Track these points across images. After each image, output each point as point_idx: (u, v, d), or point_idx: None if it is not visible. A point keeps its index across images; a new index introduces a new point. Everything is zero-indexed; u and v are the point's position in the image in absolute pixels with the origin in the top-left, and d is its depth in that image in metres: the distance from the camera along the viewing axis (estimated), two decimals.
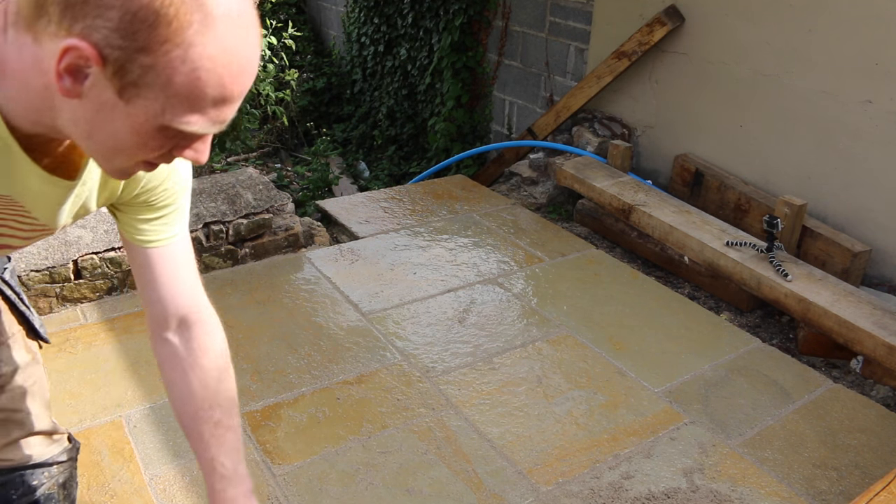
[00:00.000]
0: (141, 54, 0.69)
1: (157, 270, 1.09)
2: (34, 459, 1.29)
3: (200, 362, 1.13)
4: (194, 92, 0.72)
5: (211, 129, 0.77)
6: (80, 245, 2.69)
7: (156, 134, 0.76)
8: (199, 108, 0.74)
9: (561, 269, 3.15)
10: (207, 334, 1.15)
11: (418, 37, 5.60)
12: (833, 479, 2.06)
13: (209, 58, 0.71)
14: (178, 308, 1.12)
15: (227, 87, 0.74)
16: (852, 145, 2.91)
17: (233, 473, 1.13)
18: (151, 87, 0.71)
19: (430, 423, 2.19)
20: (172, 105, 0.73)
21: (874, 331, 2.43)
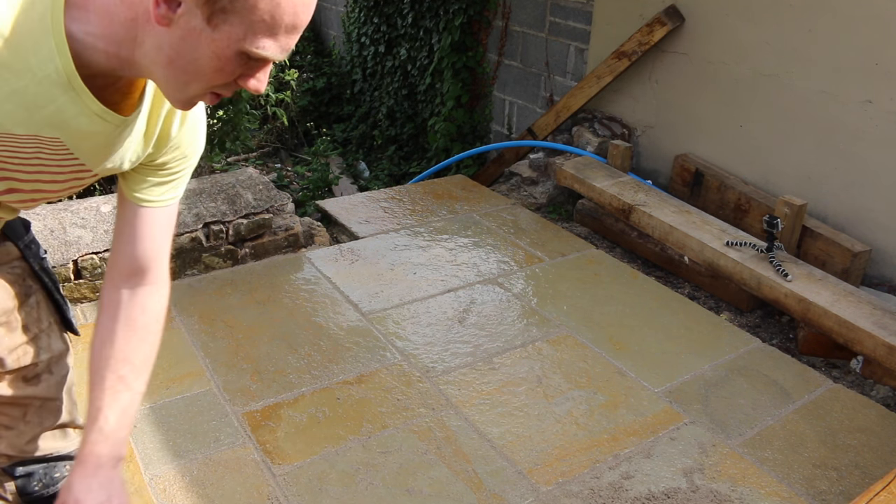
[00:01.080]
0: None
1: (140, 228, 1.13)
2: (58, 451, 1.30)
3: (133, 315, 1.15)
4: (273, 18, 0.81)
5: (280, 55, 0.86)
6: (80, 245, 2.69)
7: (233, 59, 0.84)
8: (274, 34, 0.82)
9: (561, 269, 3.15)
10: (151, 295, 1.18)
11: (418, 37, 5.61)
12: (833, 479, 2.06)
13: None
14: (141, 266, 1.16)
15: (300, 14, 0.83)
16: (852, 145, 2.91)
17: (112, 431, 1.11)
18: (237, 14, 0.79)
19: (430, 423, 2.19)
20: (253, 30, 0.81)
21: (874, 331, 2.43)
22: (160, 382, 2.32)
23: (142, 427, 2.14)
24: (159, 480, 1.95)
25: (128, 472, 1.97)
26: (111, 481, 1.11)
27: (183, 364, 2.41)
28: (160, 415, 2.19)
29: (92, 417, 1.12)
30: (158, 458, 2.02)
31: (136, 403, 1.16)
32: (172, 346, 2.50)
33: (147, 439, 2.09)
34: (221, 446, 2.08)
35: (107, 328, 1.15)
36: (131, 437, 2.09)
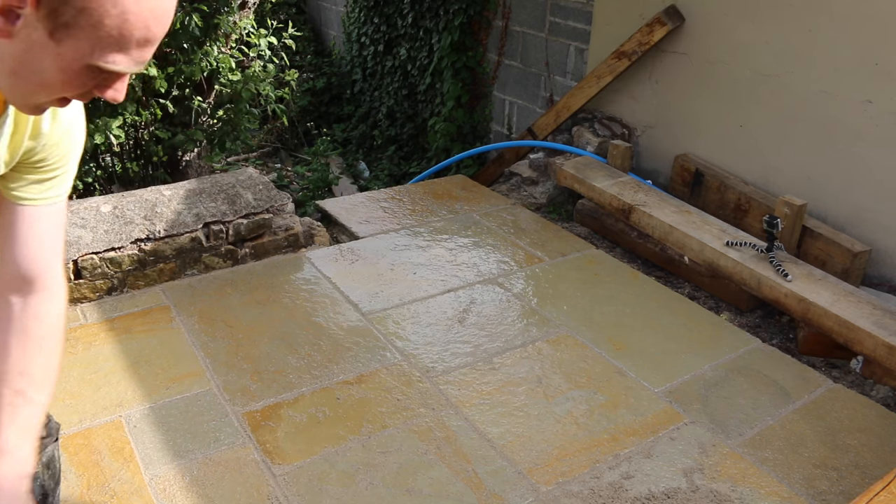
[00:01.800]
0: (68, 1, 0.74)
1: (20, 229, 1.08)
2: None
3: (28, 326, 1.10)
4: (122, 33, 0.77)
5: (133, 68, 0.82)
6: (80, 245, 2.69)
7: (81, 72, 0.80)
8: (124, 49, 0.79)
9: (561, 269, 3.15)
10: (45, 303, 1.13)
11: (418, 37, 5.61)
12: (833, 479, 2.06)
13: (137, 2, 0.77)
14: (28, 271, 1.10)
15: (152, 28, 0.80)
16: (852, 145, 2.91)
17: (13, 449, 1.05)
18: (83, 29, 0.76)
19: (430, 423, 2.19)
20: (101, 46, 0.78)
21: (874, 331, 2.43)
22: (160, 382, 2.32)
23: (142, 427, 2.14)
24: (159, 480, 1.95)
25: (128, 472, 1.97)
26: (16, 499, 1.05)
27: (183, 364, 2.41)
28: (160, 415, 2.19)
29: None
30: (158, 458, 2.02)
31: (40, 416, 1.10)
32: (172, 346, 2.50)
33: (147, 439, 2.09)
34: (221, 446, 2.08)
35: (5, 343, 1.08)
36: (131, 437, 2.09)
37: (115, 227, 2.77)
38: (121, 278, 2.80)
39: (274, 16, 6.75)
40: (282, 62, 5.23)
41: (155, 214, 2.86)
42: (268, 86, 4.58)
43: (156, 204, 2.89)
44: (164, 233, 2.84)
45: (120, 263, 2.77)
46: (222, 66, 4.39)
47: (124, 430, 2.12)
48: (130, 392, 2.28)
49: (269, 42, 4.75)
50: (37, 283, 1.12)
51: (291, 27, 5.02)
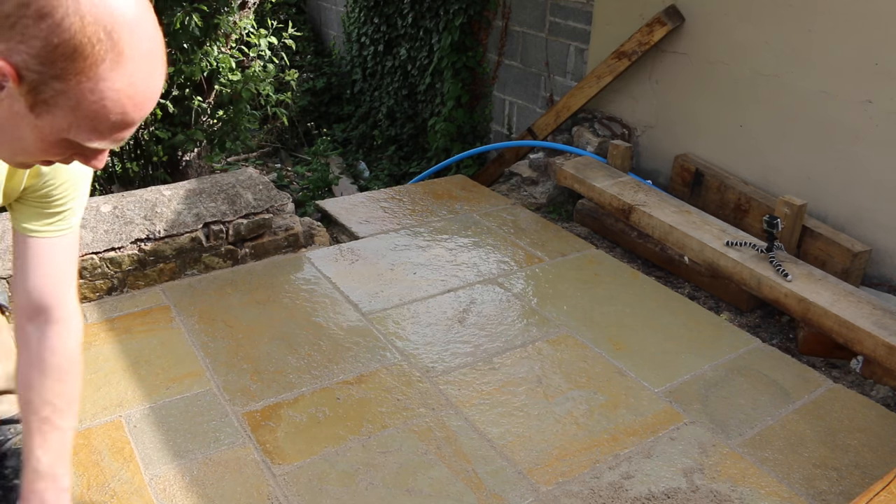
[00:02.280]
0: (55, 80, 0.77)
1: (32, 261, 1.12)
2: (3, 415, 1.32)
3: (45, 358, 1.15)
4: (98, 117, 0.81)
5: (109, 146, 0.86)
6: (80, 245, 2.69)
7: (59, 143, 0.84)
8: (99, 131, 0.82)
9: (561, 269, 3.15)
10: (60, 335, 1.17)
11: (418, 37, 5.61)
12: (833, 479, 2.06)
13: (116, 90, 0.79)
14: (41, 301, 1.15)
15: (129, 115, 0.82)
16: (852, 145, 2.91)
17: (47, 469, 1.14)
18: (61, 108, 0.79)
19: (430, 423, 2.19)
20: (78, 125, 0.81)
21: (874, 331, 2.43)
22: (160, 382, 2.32)
23: (142, 427, 2.14)
24: (159, 480, 1.95)
25: (128, 472, 1.97)
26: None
27: (183, 364, 2.41)
28: (160, 415, 2.19)
29: (26, 458, 1.14)
30: (158, 458, 2.02)
31: (68, 439, 1.17)
32: (172, 346, 2.50)
33: (147, 439, 2.09)
34: (221, 446, 2.08)
35: (23, 372, 1.15)
36: (131, 437, 2.09)
37: (115, 227, 2.77)
38: (121, 278, 2.80)
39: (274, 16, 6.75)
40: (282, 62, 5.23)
41: (155, 214, 2.86)
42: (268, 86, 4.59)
43: (156, 204, 2.89)
44: (164, 233, 2.84)
45: (120, 263, 2.77)
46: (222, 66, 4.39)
47: (124, 430, 2.12)
48: (130, 392, 2.28)
49: (269, 42, 4.75)
50: (51, 314, 1.16)
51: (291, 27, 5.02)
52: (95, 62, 0.77)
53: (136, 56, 0.80)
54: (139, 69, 0.81)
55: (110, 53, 0.78)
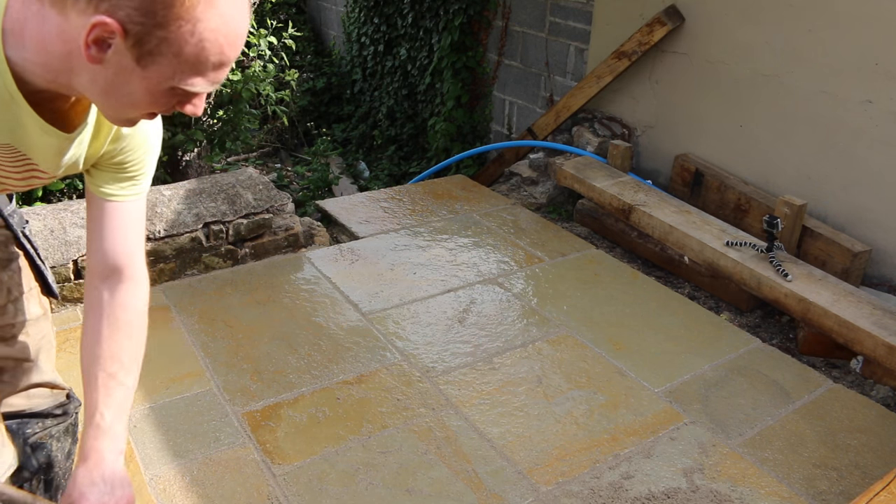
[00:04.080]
0: (157, 29, 0.83)
1: (107, 223, 1.18)
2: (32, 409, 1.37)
3: (116, 314, 1.20)
4: (200, 59, 0.87)
5: (210, 88, 0.92)
6: (80, 245, 2.69)
7: (165, 93, 0.90)
8: (202, 72, 0.89)
9: (561, 269, 3.15)
10: (131, 293, 1.22)
11: (418, 37, 5.60)
12: (833, 479, 2.06)
13: (212, 30, 0.85)
14: (115, 261, 1.20)
15: (226, 53, 0.89)
16: (852, 145, 2.91)
17: (108, 427, 1.16)
18: (165, 56, 0.85)
19: (430, 423, 2.19)
20: (181, 70, 0.87)
21: (874, 331, 2.43)
22: (160, 382, 2.32)
23: (142, 427, 2.14)
24: (159, 480, 1.95)
25: (128, 472, 1.97)
26: (114, 474, 1.16)
27: (183, 364, 2.41)
28: (160, 415, 2.19)
29: (89, 415, 1.17)
30: (158, 458, 2.02)
31: (130, 397, 1.21)
32: (172, 346, 2.50)
33: (147, 439, 2.09)
34: (221, 446, 2.08)
35: (92, 329, 1.19)
36: (131, 437, 2.09)
37: None
38: None
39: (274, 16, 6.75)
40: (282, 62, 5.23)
41: (155, 214, 2.86)
42: (268, 86, 4.58)
43: (156, 204, 2.89)
44: (164, 233, 2.84)
45: None
46: None
47: None
48: None
49: (269, 42, 4.75)
50: (123, 273, 1.21)
51: (291, 27, 5.02)
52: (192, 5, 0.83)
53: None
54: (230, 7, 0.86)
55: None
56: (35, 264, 1.36)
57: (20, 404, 1.36)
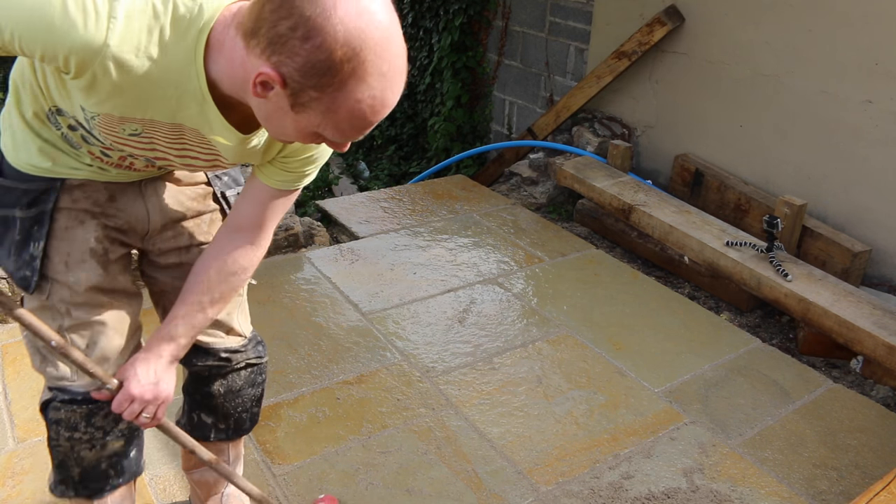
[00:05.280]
0: (311, 90, 0.97)
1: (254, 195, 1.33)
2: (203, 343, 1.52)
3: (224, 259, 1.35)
4: (342, 120, 1.01)
5: (356, 139, 1.06)
6: None
7: (311, 135, 1.06)
8: (343, 130, 1.03)
9: (561, 269, 3.15)
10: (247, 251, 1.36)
11: (418, 37, 5.60)
12: (833, 479, 2.06)
13: (358, 101, 0.98)
14: (248, 223, 1.35)
15: (367, 119, 1.02)
16: (852, 145, 2.91)
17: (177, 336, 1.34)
18: (314, 110, 1.00)
19: (430, 423, 2.19)
20: (325, 124, 1.02)
21: (874, 331, 2.43)
22: None
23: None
24: (159, 480, 1.95)
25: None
26: (165, 371, 1.34)
27: None
28: None
29: (169, 319, 1.35)
30: (158, 458, 2.02)
31: (205, 323, 1.37)
32: None
33: (147, 439, 2.09)
34: None
35: (206, 259, 1.36)
36: None
37: None
38: None
39: None
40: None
41: None
42: None
43: None
44: None
45: None
46: None
47: None
48: None
49: None
50: (249, 235, 1.35)
51: None
52: (343, 79, 0.96)
53: (377, 74, 0.97)
54: (379, 85, 0.98)
55: (357, 72, 0.95)
56: None
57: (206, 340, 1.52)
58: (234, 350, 1.56)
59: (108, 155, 1.26)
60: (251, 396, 1.63)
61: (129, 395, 1.30)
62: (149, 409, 1.33)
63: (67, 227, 1.32)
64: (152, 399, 1.32)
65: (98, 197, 1.35)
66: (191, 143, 1.22)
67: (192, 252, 1.48)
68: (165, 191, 1.43)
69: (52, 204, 1.31)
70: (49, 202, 1.30)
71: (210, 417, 1.60)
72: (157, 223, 1.43)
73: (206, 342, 1.53)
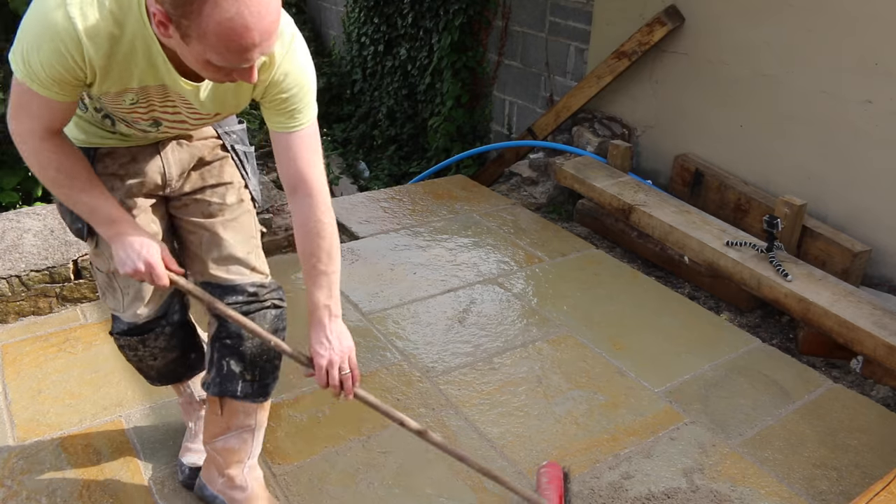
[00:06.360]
0: (183, 18, 1.14)
1: (280, 152, 1.50)
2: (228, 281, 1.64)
3: (301, 222, 1.53)
4: (216, 44, 1.15)
5: (241, 65, 1.20)
6: (81, 245, 2.69)
7: (207, 64, 1.20)
8: (223, 54, 1.17)
9: (561, 269, 3.15)
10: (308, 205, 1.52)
11: (418, 37, 5.60)
12: (833, 479, 2.06)
13: (219, 23, 1.13)
14: (291, 181, 1.51)
15: (238, 41, 1.15)
16: (852, 145, 2.91)
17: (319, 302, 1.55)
18: (193, 38, 1.15)
19: (430, 423, 2.19)
20: (206, 50, 1.17)
21: (874, 331, 2.43)
22: None
23: (142, 427, 2.14)
24: (159, 480, 1.95)
25: (128, 472, 1.97)
26: (332, 332, 1.55)
27: None
28: (160, 415, 2.19)
29: (307, 295, 1.56)
30: (158, 458, 2.02)
31: (334, 279, 1.56)
32: None
33: (147, 439, 2.09)
34: None
35: (296, 232, 1.55)
36: (131, 438, 2.09)
37: None
38: None
39: None
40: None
41: None
42: None
43: None
44: None
45: None
46: None
47: (124, 430, 2.12)
48: (130, 392, 2.28)
49: None
50: (300, 190, 1.51)
51: None
52: (200, 5, 1.11)
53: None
54: (234, 7, 1.12)
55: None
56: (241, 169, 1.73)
57: (219, 275, 1.65)
58: (261, 284, 1.67)
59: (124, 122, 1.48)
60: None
61: (321, 367, 1.53)
62: (343, 367, 1.55)
63: None
64: (341, 357, 1.54)
65: (123, 160, 1.58)
66: (178, 103, 1.41)
67: (204, 192, 1.68)
68: (179, 147, 1.63)
69: None
70: None
71: (238, 365, 1.65)
72: (173, 174, 1.63)
73: (233, 280, 1.65)
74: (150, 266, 1.48)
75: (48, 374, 2.34)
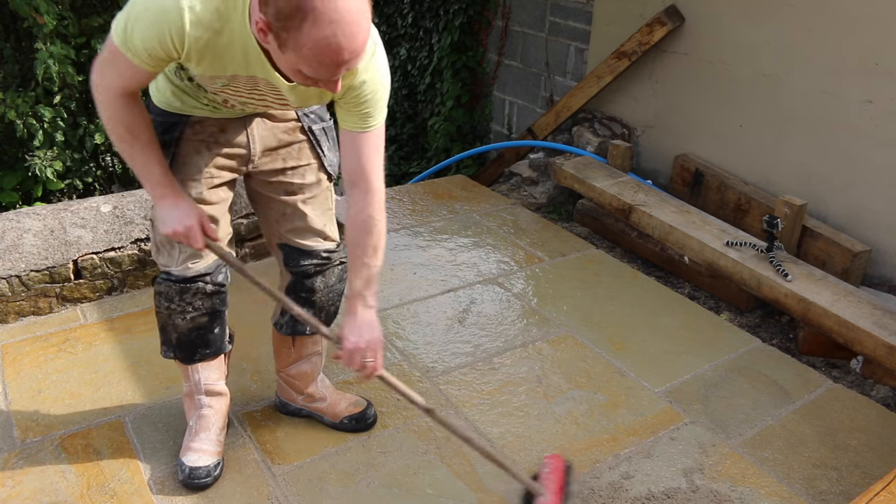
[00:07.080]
0: (283, 31, 1.26)
1: (345, 148, 1.63)
2: (304, 246, 1.90)
3: (353, 215, 1.65)
4: (309, 59, 1.28)
5: (329, 78, 1.33)
6: (80, 245, 2.69)
7: (298, 73, 1.33)
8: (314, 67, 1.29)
9: (561, 269, 3.15)
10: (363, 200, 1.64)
11: (418, 37, 5.60)
12: (833, 479, 2.06)
13: (313, 41, 1.25)
14: (352, 176, 1.63)
15: (331, 57, 1.27)
16: (852, 145, 2.91)
17: (358, 292, 1.68)
18: (290, 49, 1.28)
19: (430, 423, 2.19)
20: (300, 62, 1.29)
21: (874, 331, 2.43)
22: (160, 382, 2.32)
23: (142, 427, 2.14)
24: (159, 480, 1.95)
25: (128, 472, 1.97)
26: (363, 322, 1.67)
27: None
28: (160, 415, 2.19)
29: (348, 285, 1.72)
30: (158, 458, 2.02)
31: (374, 273, 1.70)
32: None
33: (147, 439, 2.09)
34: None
35: (347, 225, 1.67)
36: (131, 437, 2.09)
37: (115, 227, 2.77)
38: (121, 278, 2.80)
39: None
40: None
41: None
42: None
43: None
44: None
45: (120, 263, 2.77)
46: None
47: (124, 430, 2.12)
48: (130, 392, 2.28)
49: None
50: (358, 186, 1.64)
51: None
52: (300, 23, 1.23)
53: (327, 21, 1.22)
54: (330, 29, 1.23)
55: (309, 17, 1.22)
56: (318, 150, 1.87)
57: (298, 241, 1.90)
58: (332, 250, 1.93)
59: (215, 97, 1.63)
60: (339, 291, 1.99)
61: (348, 350, 1.65)
62: (367, 354, 1.66)
63: (187, 153, 1.74)
64: (366, 346, 1.65)
65: (212, 129, 1.75)
66: (265, 90, 1.56)
67: (286, 174, 1.85)
68: (263, 125, 1.79)
69: (177, 134, 1.72)
70: (175, 132, 1.72)
71: (309, 311, 1.87)
72: (257, 150, 1.80)
73: (309, 245, 1.91)
74: (188, 228, 1.66)
75: (48, 374, 2.34)
